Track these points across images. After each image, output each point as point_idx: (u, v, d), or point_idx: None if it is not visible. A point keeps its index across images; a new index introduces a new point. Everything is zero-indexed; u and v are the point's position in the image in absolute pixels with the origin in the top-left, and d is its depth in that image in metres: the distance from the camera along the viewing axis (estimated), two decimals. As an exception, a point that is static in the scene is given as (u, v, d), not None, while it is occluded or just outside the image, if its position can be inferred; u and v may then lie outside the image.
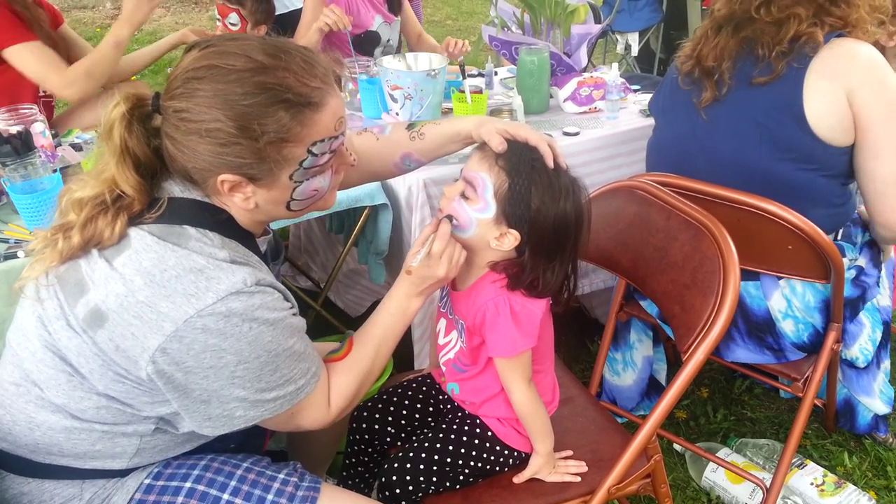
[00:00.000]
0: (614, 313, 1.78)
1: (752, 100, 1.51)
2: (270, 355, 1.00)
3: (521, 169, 1.13)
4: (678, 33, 4.78)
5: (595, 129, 2.11)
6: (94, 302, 0.96)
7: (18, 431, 1.04)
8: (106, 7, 8.00)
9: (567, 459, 1.34)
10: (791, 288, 1.58)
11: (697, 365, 1.21)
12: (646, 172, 1.71)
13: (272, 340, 0.99)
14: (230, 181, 0.99)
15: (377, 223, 1.98)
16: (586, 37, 2.38)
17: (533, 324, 1.19)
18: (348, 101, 2.34)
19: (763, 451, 1.88)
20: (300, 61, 0.98)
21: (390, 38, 2.87)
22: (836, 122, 1.45)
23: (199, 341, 0.94)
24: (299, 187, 1.04)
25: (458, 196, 1.18)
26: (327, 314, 2.21)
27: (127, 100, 1.00)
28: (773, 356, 1.63)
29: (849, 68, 1.44)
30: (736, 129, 1.54)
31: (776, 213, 1.42)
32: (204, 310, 0.93)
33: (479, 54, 5.08)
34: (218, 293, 0.94)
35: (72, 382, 1.01)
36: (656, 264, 1.40)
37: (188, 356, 0.94)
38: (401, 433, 1.41)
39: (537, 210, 1.13)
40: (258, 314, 0.97)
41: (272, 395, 1.02)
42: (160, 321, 0.93)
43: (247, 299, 0.96)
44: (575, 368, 2.23)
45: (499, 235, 1.16)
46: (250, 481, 1.10)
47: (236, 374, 0.97)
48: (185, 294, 0.93)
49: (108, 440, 1.04)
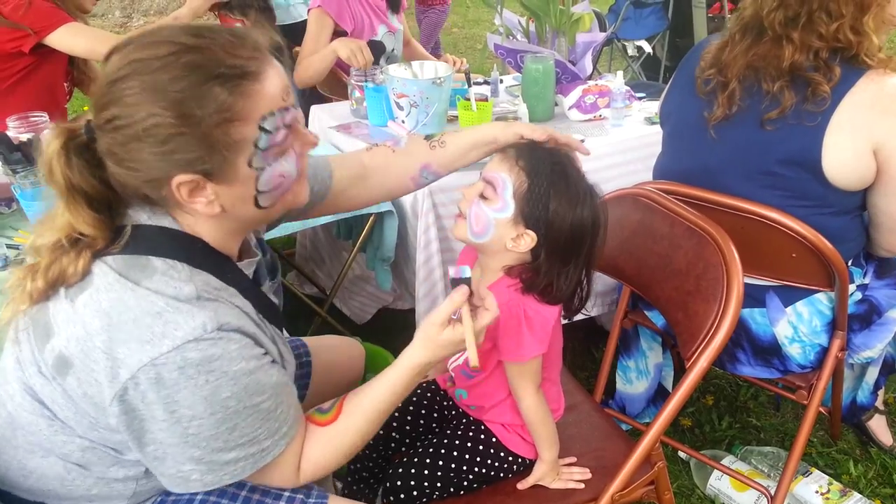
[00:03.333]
0: (619, 321, 1.79)
1: (766, 146, 1.46)
2: (228, 412, 0.92)
3: (541, 170, 1.14)
4: (683, 41, 4.79)
5: (600, 136, 2.12)
6: (59, 348, 0.92)
7: (12, 476, 1.02)
8: (115, 15, 8.07)
9: (571, 466, 1.34)
10: (798, 315, 1.56)
11: (701, 372, 1.21)
12: (651, 181, 1.71)
13: (231, 396, 0.91)
14: (186, 183, 0.90)
15: (383, 230, 2.00)
16: (591, 45, 2.39)
17: (545, 329, 1.20)
18: (355, 109, 2.36)
19: (768, 458, 1.87)
20: (227, 35, 0.91)
21: (394, 47, 2.89)
22: (855, 174, 1.43)
23: (152, 391, 0.88)
24: (262, 175, 0.94)
25: (476, 198, 1.19)
26: (333, 321, 2.22)
27: (59, 135, 0.92)
28: (780, 372, 1.63)
29: (874, 120, 1.38)
30: (748, 174, 1.49)
31: (779, 221, 1.43)
32: (158, 358, 0.87)
33: (484, 62, 5.11)
34: (175, 340, 0.87)
35: (52, 427, 0.97)
36: (660, 271, 1.41)
37: (142, 405, 0.89)
38: (406, 439, 1.41)
39: (555, 212, 1.14)
40: (216, 366, 0.89)
41: (230, 455, 0.95)
42: (116, 367, 0.88)
43: (206, 348, 0.88)
44: (580, 376, 2.23)
45: (515, 236, 1.17)
46: (256, 501, 1.06)
47: (189, 430, 0.91)
48: (140, 340, 0.87)
49: (103, 485, 1.01)
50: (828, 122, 1.39)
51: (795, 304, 1.56)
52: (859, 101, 1.38)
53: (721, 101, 1.51)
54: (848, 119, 1.39)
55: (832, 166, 1.41)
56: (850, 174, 1.42)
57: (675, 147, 1.68)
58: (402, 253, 2.04)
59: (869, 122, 1.38)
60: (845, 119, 1.39)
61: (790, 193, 1.46)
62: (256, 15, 2.71)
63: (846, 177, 1.43)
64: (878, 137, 1.39)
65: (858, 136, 1.39)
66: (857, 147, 1.40)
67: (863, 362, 1.73)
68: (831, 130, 1.39)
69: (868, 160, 1.41)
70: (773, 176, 1.47)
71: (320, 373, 1.44)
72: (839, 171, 1.42)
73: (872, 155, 1.41)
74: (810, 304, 1.56)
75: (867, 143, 1.39)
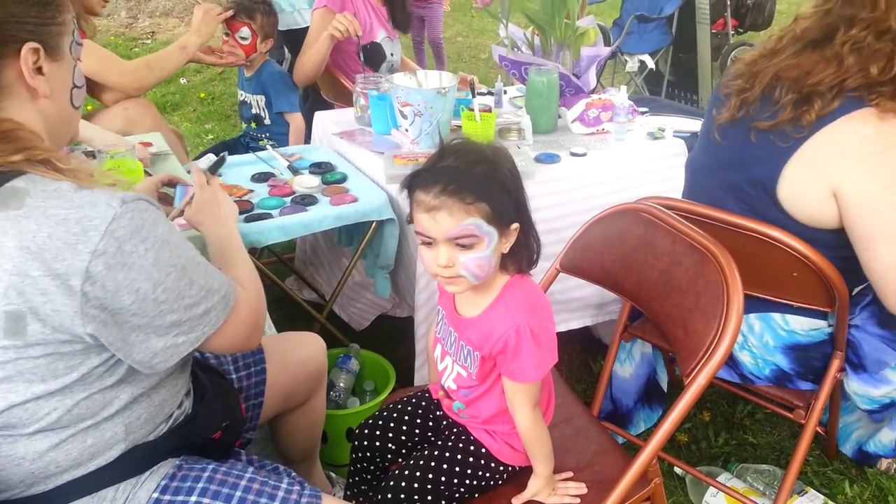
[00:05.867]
0: (618, 334, 1.78)
1: (744, 160, 1.44)
2: (178, 269, 0.99)
3: (477, 178, 1.11)
4: (687, 56, 4.82)
5: (602, 150, 2.12)
6: (1, 309, 0.90)
7: (6, 476, 1.00)
8: (121, 16, 8.09)
9: (567, 481, 1.34)
10: (749, 326, 1.56)
11: (700, 389, 1.21)
12: (653, 196, 1.71)
13: (172, 255, 0.98)
14: (32, 52, 0.97)
15: (384, 237, 2.00)
16: (595, 58, 2.40)
17: (552, 339, 1.21)
18: (359, 116, 2.37)
19: (764, 476, 1.87)
20: None
21: (393, 52, 2.91)
22: (814, 209, 1.39)
23: (109, 280, 0.92)
24: (77, 68, 1.07)
25: (457, 259, 1.13)
26: (331, 327, 2.22)
27: None
28: (738, 376, 1.63)
29: (835, 161, 1.34)
30: (729, 184, 1.49)
31: (781, 240, 1.43)
32: (95, 251, 0.91)
33: (488, 72, 5.12)
34: (98, 230, 0.91)
35: (30, 404, 0.96)
36: (661, 287, 1.41)
37: (107, 299, 0.93)
38: (401, 449, 1.41)
39: (507, 189, 1.14)
40: (145, 234, 0.95)
41: (202, 308, 1.03)
42: (66, 280, 0.90)
43: (127, 223, 0.93)
44: (577, 388, 2.23)
45: (506, 241, 1.17)
46: (255, 490, 1.10)
47: (159, 298, 0.96)
48: (68, 246, 0.90)
49: (95, 431, 1.02)
50: (796, 149, 1.38)
51: (749, 314, 1.56)
52: (830, 137, 1.35)
53: (734, 104, 1.49)
54: (812, 152, 1.36)
55: (788, 197, 1.40)
56: (808, 208, 1.40)
57: (700, 143, 1.69)
58: (402, 261, 2.04)
59: (830, 161, 1.35)
60: (810, 151, 1.36)
61: (757, 214, 1.45)
62: (262, 18, 2.73)
63: (803, 210, 1.40)
64: (834, 181, 1.35)
65: (816, 173, 1.37)
66: (814, 184, 1.37)
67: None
68: (794, 160, 1.38)
69: (825, 201, 1.37)
70: (743, 192, 1.47)
71: (276, 362, 1.48)
72: (795, 203, 1.40)
73: (832, 197, 1.37)
74: (763, 320, 1.56)
75: (824, 182, 1.36)
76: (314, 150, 2.35)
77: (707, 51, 4.61)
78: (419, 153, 2.06)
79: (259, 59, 2.82)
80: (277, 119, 2.85)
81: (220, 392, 1.26)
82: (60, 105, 1.06)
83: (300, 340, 1.58)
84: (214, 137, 4.69)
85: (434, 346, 1.38)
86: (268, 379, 1.45)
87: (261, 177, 2.11)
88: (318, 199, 1.96)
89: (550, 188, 1.97)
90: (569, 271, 1.62)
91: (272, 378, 1.46)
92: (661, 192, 2.08)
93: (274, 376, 1.46)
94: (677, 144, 2.18)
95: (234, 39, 2.73)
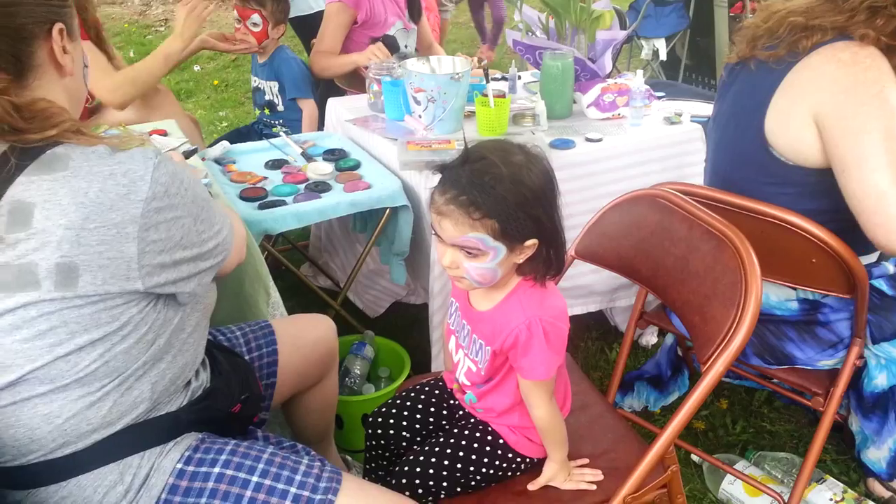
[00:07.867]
0: (634, 321, 1.77)
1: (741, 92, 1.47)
2: (206, 202, 1.10)
3: (489, 195, 1.08)
4: (704, 40, 4.74)
5: (618, 135, 2.10)
6: (52, 263, 0.94)
7: (40, 434, 1.01)
8: (135, 3, 8.11)
9: (583, 468, 1.33)
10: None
11: (717, 376, 1.20)
12: (669, 182, 1.69)
13: (198, 192, 1.08)
14: (61, 31, 1.05)
15: (398, 224, 1.99)
16: (611, 42, 2.37)
17: (563, 340, 1.20)
18: (372, 103, 2.36)
19: (782, 464, 1.86)
20: None
21: (407, 44, 2.89)
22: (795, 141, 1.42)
23: (161, 221, 1.00)
24: (82, 50, 1.15)
25: (461, 262, 1.14)
26: (346, 314, 2.22)
27: None
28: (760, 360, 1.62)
29: (816, 86, 1.37)
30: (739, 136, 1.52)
31: (800, 226, 1.41)
32: (146, 198, 0.98)
33: (502, 58, 5.09)
34: (144, 179, 0.99)
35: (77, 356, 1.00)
36: (677, 274, 1.39)
37: (161, 239, 1.01)
38: (416, 436, 1.41)
39: (528, 206, 1.11)
40: (180, 175, 1.04)
41: (225, 231, 1.14)
42: (124, 227, 0.97)
43: (164, 170, 1.01)
44: (593, 376, 2.22)
45: (519, 254, 1.16)
46: (277, 464, 1.13)
47: (199, 229, 1.07)
48: (120, 196, 0.97)
49: (124, 388, 1.05)
50: (783, 77, 1.40)
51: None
52: (811, 62, 1.38)
53: (746, 40, 1.51)
54: (796, 79, 1.39)
55: (771, 129, 1.42)
56: (789, 137, 1.41)
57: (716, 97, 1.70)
58: (417, 248, 2.04)
59: (808, 85, 1.37)
60: (794, 78, 1.39)
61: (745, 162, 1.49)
62: (272, 5, 2.72)
63: (786, 141, 1.42)
64: (812, 104, 1.37)
65: (797, 99, 1.39)
66: (795, 112, 1.39)
67: None
68: (779, 91, 1.41)
69: (805, 127, 1.39)
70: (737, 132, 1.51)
71: (287, 343, 1.49)
72: (779, 137, 1.42)
73: (812, 124, 1.37)
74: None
75: (804, 107, 1.38)
76: (327, 137, 2.35)
77: (725, 35, 4.53)
78: (432, 139, 2.05)
79: (272, 45, 2.81)
80: (291, 105, 2.84)
81: (236, 368, 1.29)
82: (79, 82, 1.14)
83: (310, 322, 1.59)
84: (228, 125, 4.70)
85: (448, 337, 1.37)
86: (280, 360, 1.46)
87: (275, 164, 2.11)
88: (331, 186, 1.96)
89: (565, 174, 1.95)
90: (584, 258, 1.60)
91: (284, 359, 1.47)
92: (678, 177, 2.07)
93: (285, 357, 1.47)
94: (694, 129, 2.15)
95: (245, 26, 2.72)
